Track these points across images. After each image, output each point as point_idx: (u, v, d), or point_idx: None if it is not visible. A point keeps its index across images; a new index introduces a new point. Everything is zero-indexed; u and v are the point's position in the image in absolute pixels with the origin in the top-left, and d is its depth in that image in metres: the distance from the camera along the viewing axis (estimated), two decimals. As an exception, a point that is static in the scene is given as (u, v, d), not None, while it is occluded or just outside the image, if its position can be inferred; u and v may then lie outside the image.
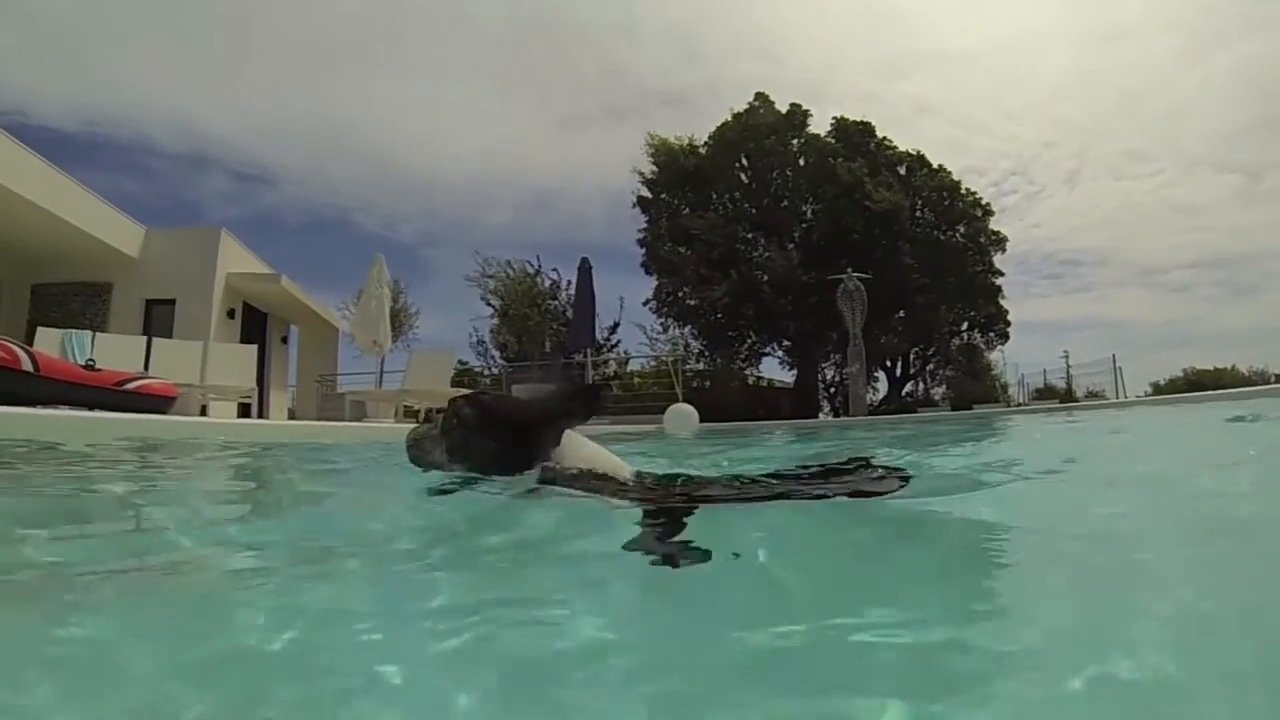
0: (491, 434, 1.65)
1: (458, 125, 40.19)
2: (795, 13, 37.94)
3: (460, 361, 21.68)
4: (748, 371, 25.25)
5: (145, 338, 10.86)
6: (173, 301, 15.78)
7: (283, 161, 41.93)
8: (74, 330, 10.78)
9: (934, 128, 35.96)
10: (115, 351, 9.29)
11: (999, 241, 24.43)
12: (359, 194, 44.55)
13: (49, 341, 9.23)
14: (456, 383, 15.27)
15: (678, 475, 1.85)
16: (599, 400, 1.71)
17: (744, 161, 24.08)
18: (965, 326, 25.29)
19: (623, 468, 1.71)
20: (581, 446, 1.68)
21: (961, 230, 24.13)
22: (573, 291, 20.66)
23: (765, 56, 36.56)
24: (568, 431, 1.67)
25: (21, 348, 7.57)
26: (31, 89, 28.08)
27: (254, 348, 13.03)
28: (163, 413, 7.66)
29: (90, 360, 8.80)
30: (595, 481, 1.62)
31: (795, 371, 25.32)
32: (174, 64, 32.84)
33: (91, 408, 6.27)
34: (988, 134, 37.49)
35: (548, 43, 37.42)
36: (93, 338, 10.01)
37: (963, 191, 24.37)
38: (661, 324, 24.99)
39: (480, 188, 43.31)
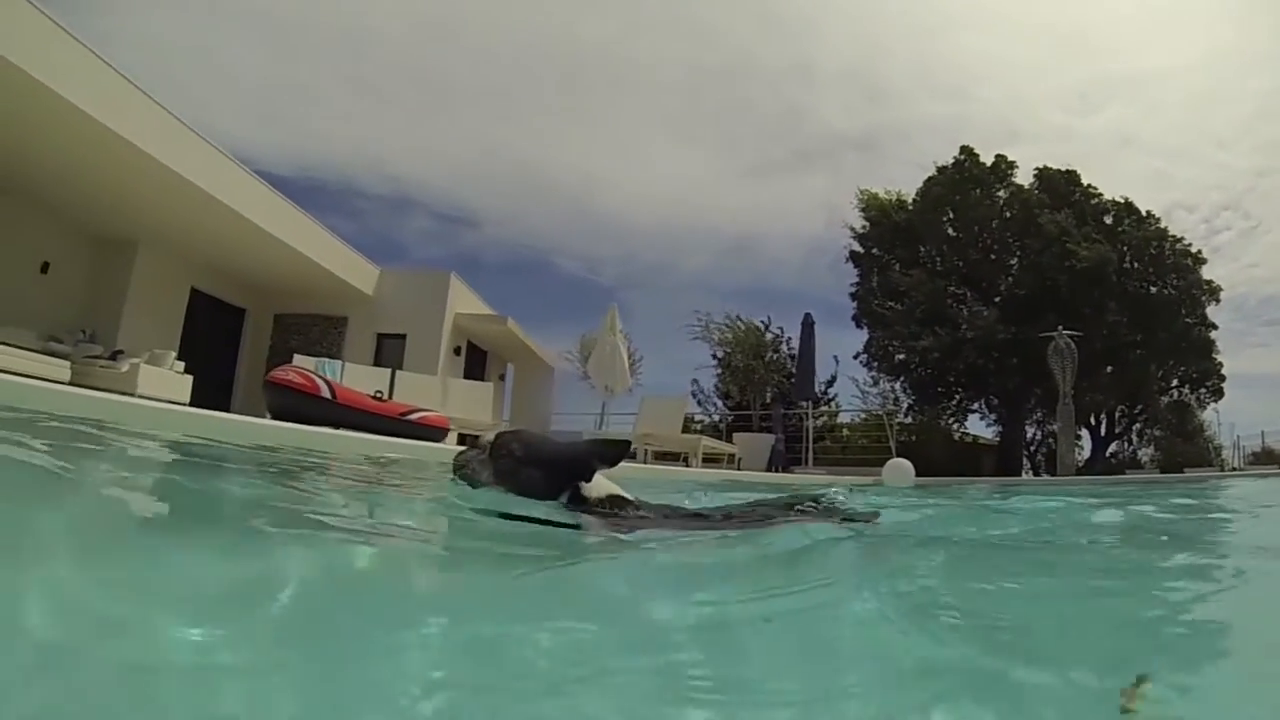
0: (534, 465, 2.04)
1: (647, 170, 41.85)
2: (976, 42, 36.23)
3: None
4: (953, 426, 25.79)
5: (390, 369, 12.18)
6: (403, 336, 17.68)
7: (482, 204, 44.29)
8: (326, 359, 12.17)
9: (1136, 161, 33.97)
10: (363, 379, 10.24)
11: (1213, 292, 23.73)
12: (556, 236, 46.41)
13: (305, 365, 10.00)
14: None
15: (669, 505, 2.37)
16: (624, 453, 2.08)
17: (950, 215, 24.86)
18: (1175, 383, 24.74)
19: (628, 497, 2.14)
20: (603, 483, 2.09)
21: (1172, 281, 23.60)
22: (792, 345, 22.26)
23: (953, 95, 36.04)
24: (598, 472, 2.09)
25: (320, 377, 8.20)
26: (248, 139, 30.42)
27: (490, 385, 13.89)
28: (438, 441, 8.35)
29: (379, 392, 9.07)
30: (611, 506, 2.06)
31: (999, 428, 25.67)
32: (371, 116, 34.89)
33: (379, 434, 6.65)
34: (1195, 163, 33.66)
35: (725, 87, 38.25)
36: (342, 366, 10.97)
37: (1171, 238, 23.84)
38: (873, 377, 25.89)
39: (674, 233, 44.74)
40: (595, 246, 47.79)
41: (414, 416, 8.70)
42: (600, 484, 2.08)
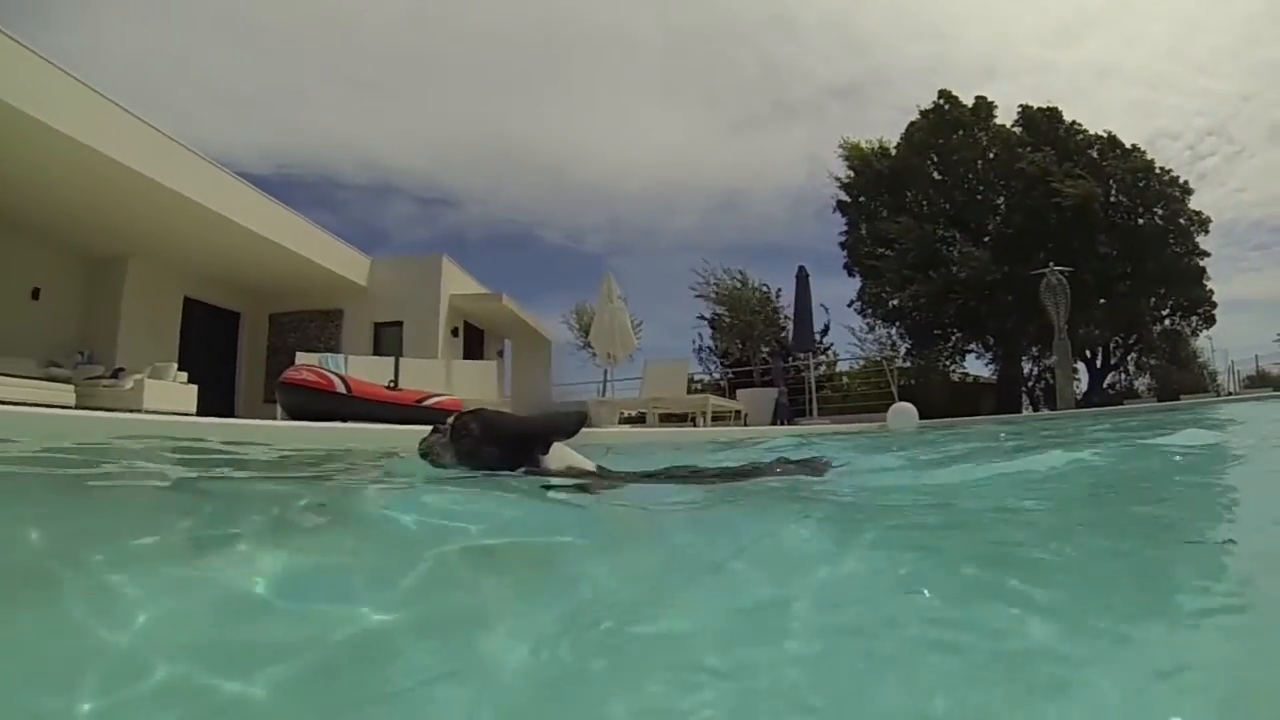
0: (492, 442, 2.10)
1: (629, 135, 41.76)
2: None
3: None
4: (951, 368, 26.00)
5: (393, 357, 11.95)
6: (400, 323, 17.58)
7: (463, 184, 43.89)
8: (329, 353, 12.32)
9: (1118, 91, 33.65)
10: (368, 369, 10.16)
11: (1202, 223, 23.92)
12: (540, 209, 45.88)
13: (308, 362, 9.99)
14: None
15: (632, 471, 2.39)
16: (582, 422, 2.11)
17: (933, 159, 24.94)
18: (1167, 312, 24.95)
19: (589, 464, 2.21)
20: (564, 454, 2.15)
21: (1160, 213, 23.74)
22: (783, 299, 22.58)
23: (932, 37, 35.50)
24: (556, 443, 2.14)
25: (334, 374, 8.20)
26: (222, 140, 30.36)
27: (494, 364, 13.63)
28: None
29: (392, 382, 9.06)
30: (574, 471, 2.13)
31: (995, 366, 25.91)
32: (351, 105, 34.44)
33: (397, 423, 6.57)
34: (1177, 91, 34.16)
35: (704, 44, 38.04)
36: (345, 359, 10.75)
37: (1158, 171, 23.90)
38: (868, 324, 26.17)
39: (660, 194, 44.30)
40: (580, 215, 47.61)
41: (429, 403, 8.76)
42: (560, 454, 2.15)
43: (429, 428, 2.19)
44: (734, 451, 4.62)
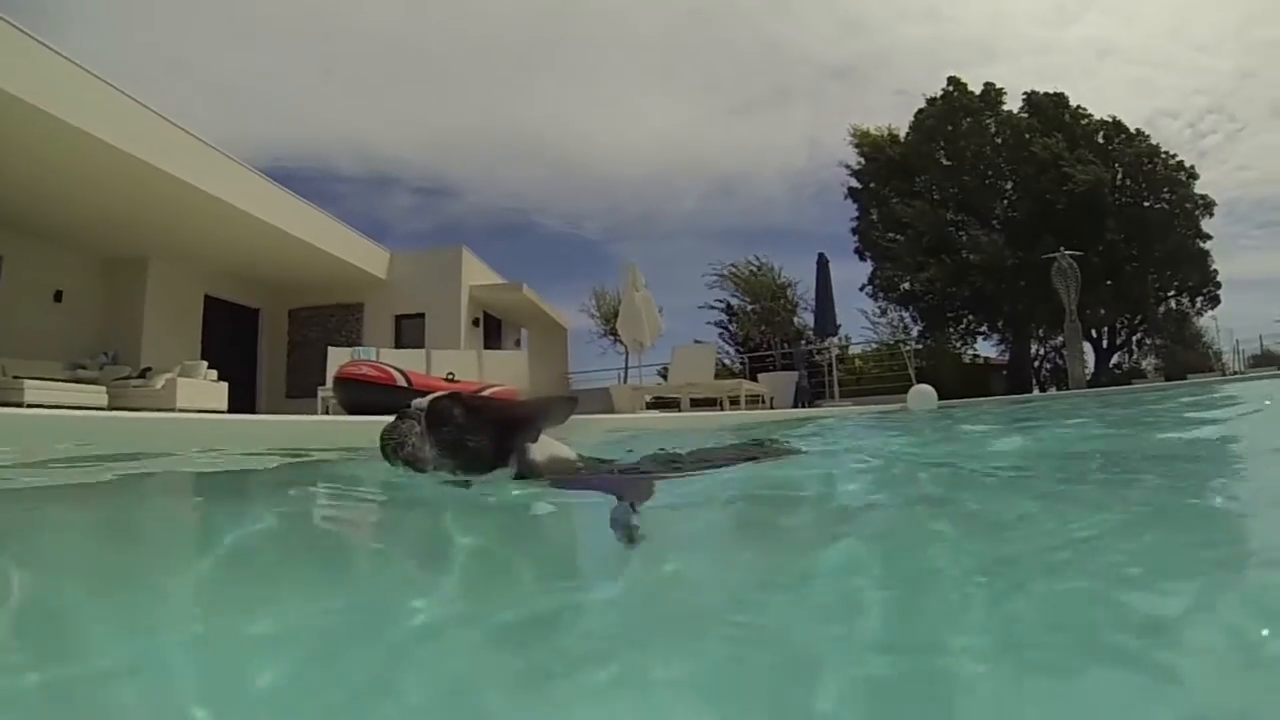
0: (480, 431, 1.78)
1: (627, 120, 41.07)
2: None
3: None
4: (963, 351, 25.94)
5: (423, 350, 12.18)
6: (421, 315, 17.48)
7: (461, 173, 43.22)
8: (359, 347, 12.47)
9: (1117, 70, 32.87)
10: (400, 363, 9.84)
11: (1206, 206, 23.76)
12: (539, 196, 45.37)
13: (339, 358, 9.95)
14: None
15: (612, 460, 2.19)
16: (572, 409, 1.89)
17: (942, 145, 24.78)
18: (1172, 292, 24.89)
19: (572, 455, 1.97)
20: (547, 443, 1.89)
21: (1166, 196, 23.61)
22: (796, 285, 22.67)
23: (927, 17, 35.10)
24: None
25: (394, 368, 8.07)
26: (220, 136, 29.58)
27: (524, 354, 13.34)
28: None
29: (451, 374, 8.91)
30: (558, 466, 1.88)
31: (1007, 349, 25.93)
32: (345, 96, 33.98)
33: None
34: (1176, 70, 33.37)
35: (701, 28, 37.21)
36: (376, 353, 10.54)
37: (1163, 155, 23.77)
38: (880, 307, 26.15)
39: (659, 179, 43.93)
40: (579, 202, 47.22)
41: (488, 393, 8.53)
42: (544, 444, 1.87)
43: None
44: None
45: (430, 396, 1.80)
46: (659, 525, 1.37)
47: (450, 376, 9.03)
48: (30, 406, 9.05)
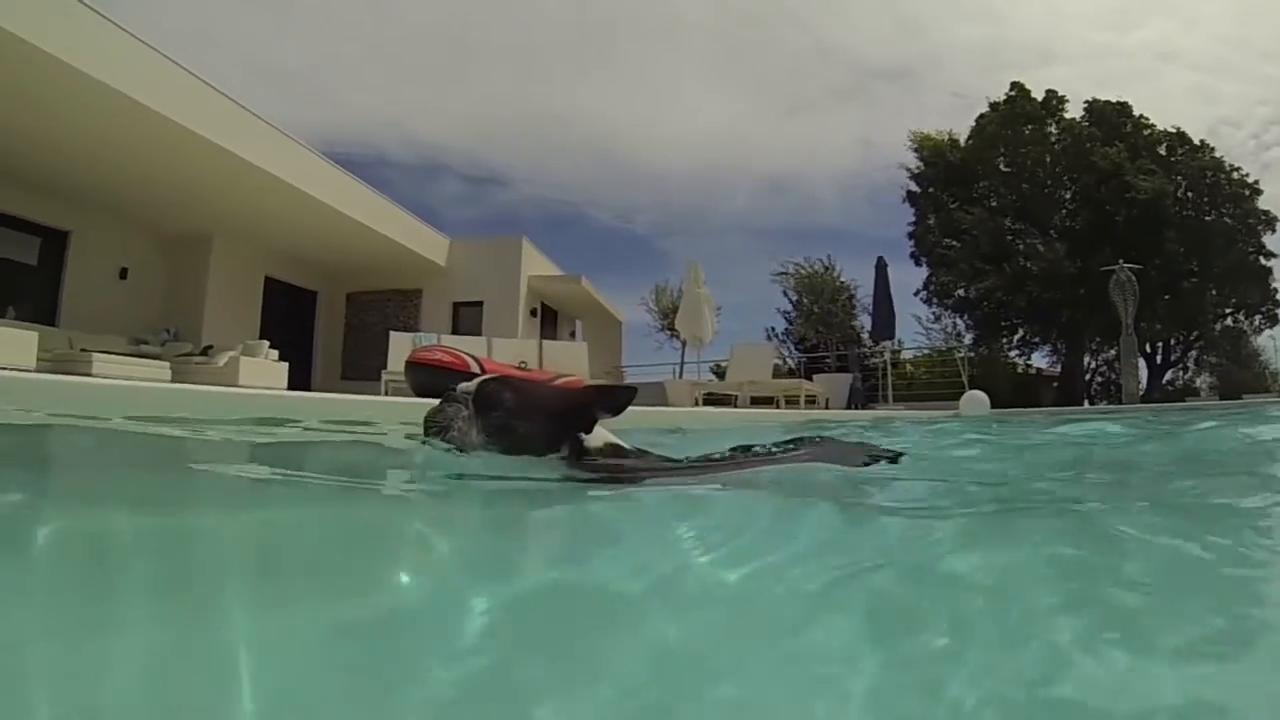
0: (531, 417, 1.72)
1: (679, 115, 40.48)
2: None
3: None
4: (1016, 360, 25.52)
5: (485, 338, 12.16)
6: (479, 304, 17.33)
7: (512, 162, 43.06)
8: (420, 333, 12.00)
9: (1178, 76, 32.79)
10: (465, 349, 9.73)
11: (1269, 222, 23.01)
12: (589, 188, 45.39)
13: (401, 342, 10.09)
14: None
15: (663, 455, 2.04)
16: (631, 399, 1.75)
17: (1002, 150, 24.24)
18: (1230, 310, 24.14)
19: (627, 445, 1.85)
20: (602, 433, 1.80)
21: (1229, 211, 22.93)
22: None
23: (986, 17, 33.88)
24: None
25: (467, 354, 7.91)
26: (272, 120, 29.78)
27: (584, 345, 13.44)
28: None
29: (523, 362, 8.78)
30: (613, 457, 1.77)
31: (1059, 361, 25.44)
32: (393, 82, 33.95)
33: None
34: (1239, 78, 31.78)
35: (755, 24, 36.32)
36: (438, 338, 10.39)
37: (1228, 168, 23.07)
38: (934, 313, 25.76)
39: (710, 176, 43.50)
40: (629, 196, 46.97)
41: (560, 382, 8.34)
42: (599, 433, 1.80)
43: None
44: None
45: (478, 379, 1.76)
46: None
47: (523, 365, 8.88)
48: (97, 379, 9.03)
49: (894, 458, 2.31)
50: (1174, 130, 23.37)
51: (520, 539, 1.23)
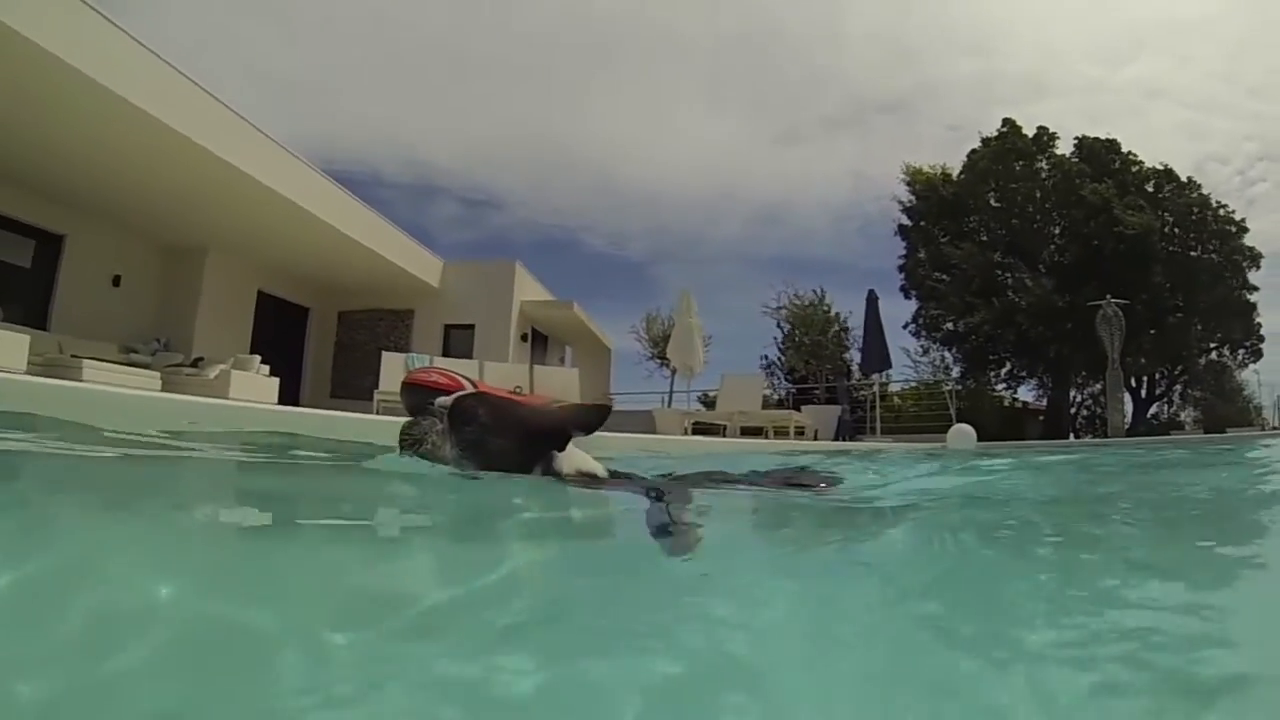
0: (505, 434, 1.73)
1: (674, 141, 40.18)
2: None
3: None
4: (1003, 394, 25.71)
5: (476, 361, 12.13)
6: (470, 326, 17.36)
7: (507, 184, 42.98)
8: (413, 354, 12.04)
9: (1166, 112, 32.43)
10: (457, 371, 9.52)
11: (1254, 258, 23.36)
12: (584, 213, 45.03)
13: (394, 362, 10.01)
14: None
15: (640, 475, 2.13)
16: (605, 417, 1.81)
17: (994, 186, 24.51)
18: (1215, 344, 24.39)
19: (599, 468, 1.89)
20: (574, 454, 1.82)
21: (1214, 247, 23.23)
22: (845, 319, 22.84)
23: (979, 51, 34.58)
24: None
25: (463, 376, 7.69)
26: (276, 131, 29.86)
27: (576, 371, 13.39)
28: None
29: (518, 386, 8.80)
30: (585, 476, 1.82)
31: (1045, 395, 25.67)
32: (390, 102, 33.92)
33: None
34: (1227, 114, 32.18)
35: (753, 53, 36.85)
36: (430, 360, 10.72)
37: (1214, 205, 23.40)
38: (922, 346, 25.87)
39: (704, 203, 43.45)
40: (623, 221, 46.94)
41: (556, 405, 8.33)
42: (570, 454, 1.82)
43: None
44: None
45: (454, 395, 1.78)
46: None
47: (517, 390, 8.85)
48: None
49: (823, 485, 2.45)
50: (1162, 167, 23.71)
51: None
